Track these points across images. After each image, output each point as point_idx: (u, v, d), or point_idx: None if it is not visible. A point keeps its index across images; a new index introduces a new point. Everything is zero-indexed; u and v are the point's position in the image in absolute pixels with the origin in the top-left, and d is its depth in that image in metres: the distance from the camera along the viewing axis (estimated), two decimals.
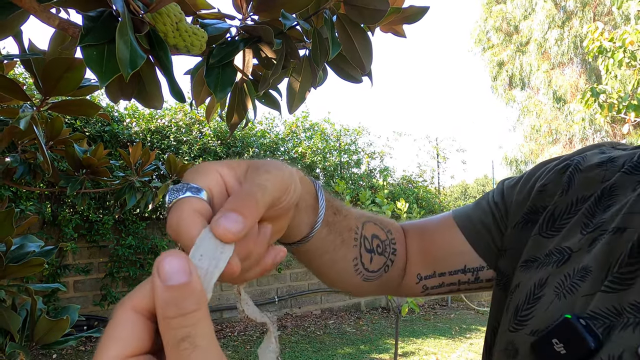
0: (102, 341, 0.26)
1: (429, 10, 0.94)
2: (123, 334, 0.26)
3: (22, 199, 4.19)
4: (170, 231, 0.31)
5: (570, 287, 0.46)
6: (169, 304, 0.26)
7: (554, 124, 13.89)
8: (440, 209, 7.70)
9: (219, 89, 0.68)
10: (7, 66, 1.12)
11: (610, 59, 4.95)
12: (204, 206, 0.32)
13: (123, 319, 0.27)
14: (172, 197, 0.32)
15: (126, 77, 0.50)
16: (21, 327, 1.07)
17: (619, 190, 0.51)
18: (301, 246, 0.52)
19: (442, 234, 0.66)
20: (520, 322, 0.49)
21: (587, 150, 0.59)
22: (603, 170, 0.54)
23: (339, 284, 0.61)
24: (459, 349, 4.95)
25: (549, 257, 0.51)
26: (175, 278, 0.26)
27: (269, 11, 0.78)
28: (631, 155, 0.53)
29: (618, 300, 0.42)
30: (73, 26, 0.55)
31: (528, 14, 14.12)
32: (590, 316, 0.42)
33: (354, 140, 7.34)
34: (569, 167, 0.57)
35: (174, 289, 0.26)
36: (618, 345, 0.39)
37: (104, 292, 4.75)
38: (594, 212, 0.51)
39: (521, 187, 0.61)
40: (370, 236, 0.61)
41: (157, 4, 0.55)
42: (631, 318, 0.40)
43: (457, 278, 0.64)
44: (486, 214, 0.63)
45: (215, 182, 0.35)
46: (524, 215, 0.58)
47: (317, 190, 0.51)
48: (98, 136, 4.65)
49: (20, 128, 0.88)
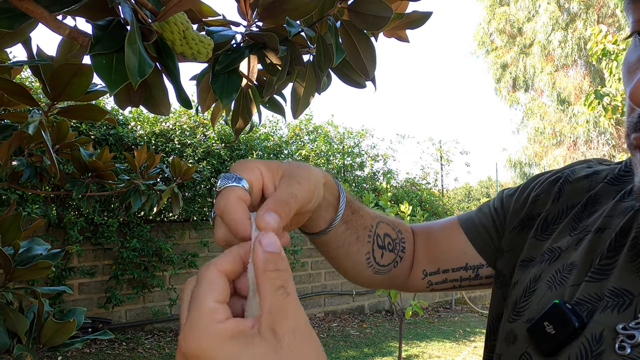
0: (199, 291, 0.34)
1: (432, 15, 0.94)
2: (217, 286, 0.34)
3: (28, 202, 4.22)
4: (218, 211, 0.39)
5: (561, 280, 0.54)
6: (269, 261, 0.34)
7: (558, 126, 13.84)
8: (443, 211, 7.68)
9: (225, 96, 0.69)
10: (14, 71, 1.14)
11: (614, 62, 4.94)
12: (245, 194, 0.40)
13: (214, 276, 0.34)
14: (222, 182, 0.41)
15: (135, 85, 0.51)
16: (28, 329, 1.08)
17: (602, 199, 0.59)
18: (319, 237, 0.60)
19: (447, 235, 0.74)
20: (518, 313, 0.56)
21: (576, 165, 0.67)
22: (589, 182, 0.62)
23: (352, 274, 0.69)
24: (463, 352, 4.93)
25: (542, 257, 0.59)
26: (272, 247, 0.35)
27: (274, 18, 0.79)
28: (613, 169, 0.62)
29: (599, 288, 0.50)
30: (82, 35, 0.56)
31: (532, 16, 14.10)
32: (577, 302, 0.50)
33: (358, 143, 7.34)
34: (560, 179, 0.65)
35: (271, 253, 0.35)
36: (599, 324, 0.47)
37: (108, 294, 4.77)
38: (581, 217, 0.59)
39: (518, 197, 0.69)
40: (382, 234, 0.68)
41: (165, 12, 0.56)
42: (610, 302, 0.48)
43: (459, 275, 0.71)
44: (487, 218, 0.71)
45: (256, 177, 0.43)
46: (521, 221, 0.66)
47: (340, 193, 0.58)
48: (103, 139, 4.68)
49: (29, 133, 0.89)
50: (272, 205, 0.39)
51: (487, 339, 0.66)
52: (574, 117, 13.07)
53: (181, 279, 5.27)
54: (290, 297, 0.34)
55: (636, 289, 0.47)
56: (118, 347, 4.58)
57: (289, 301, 0.33)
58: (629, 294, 0.47)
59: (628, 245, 0.50)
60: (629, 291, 0.47)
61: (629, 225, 0.52)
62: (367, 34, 0.84)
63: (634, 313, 0.46)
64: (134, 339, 4.79)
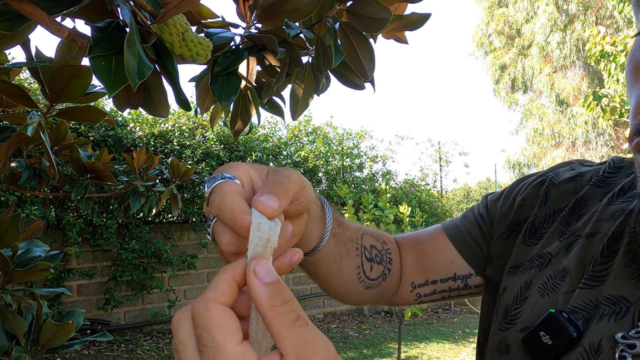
0: (217, 337, 0.29)
1: (430, 17, 0.95)
2: (232, 325, 0.30)
3: (27, 203, 4.21)
4: (214, 209, 0.35)
5: (553, 287, 0.53)
6: (274, 295, 0.30)
7: (556, 127, 13.86)
8: (442, 212, 7.68)
9: (223, 97, 0.69)
10: (13, 72, 1.14)
11: (612, 63, 4.95)
12: (239, 188, 0.37)
13: (225, 315, 0.30)
14: (210, 183, 0.37)
15: (134, 87, 0.51)
16: (27, 331, 1.07)
17: (589, 201, 0.58)
18: (313, 256, 0.56)
19: (433, 245, 0.72)
20: (509, 321, 0.55)
21: (559, 167, 0.66)
22: (574, 184, 0.61)
23: (342, 292, 0.66)
24: (462, 353, 4.93)
25: (532, 262, 0.58)
26: (269, 277, 0.31)
27: (273, 19, 0.79)
28: (597, 171, 0.62)
29: (594, 295, 0.48)
30: (81, 37, 0.56)
31: (530, 17, 14.13)
32: (572, 310, 0.49)
33: (357, 144, 7.34)
34: (544, 182, 0.64)
35: (272, 284, 0.30)
36: (597, 333, 0.46)
37: (107, 296, 4.76)
38: (569, 221, 0.58)
39: (503, 201, 0.68)
40: (369, 246, 0.66)
41: (164, 14, 0.56)
42: (606, 309, 0.46)
43: (448, 285, 0.70)
44: (473, 225, 0.70)
45: (245, 176, 0.40)
46: (508, 227, 0.65)
47: (323, 203, 0.55)
48: (102, 141, 4.68)
49: (28, 134, 0.89)
50: (267, 188, 0.36)
51: (480, 347, 0.64)
52: (572, 118, 13.09)
53: (180, 280, 5.27)
54: (310, 327, 0.30)
55: (633, 296, 0.46)
56: (117, 349, 4.58)
57: (310, 331, 0.30)
58: (626, 301, 0.46)
59: (622, 250, 0.49)
60: (626, 298, 0.46)
61: (621, 230, 0.51)
62: (365, 35, 0.84)
63: (632, 321, 0.45)
64: (132, 341, 4.78)
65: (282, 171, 0.40)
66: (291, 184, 0.38)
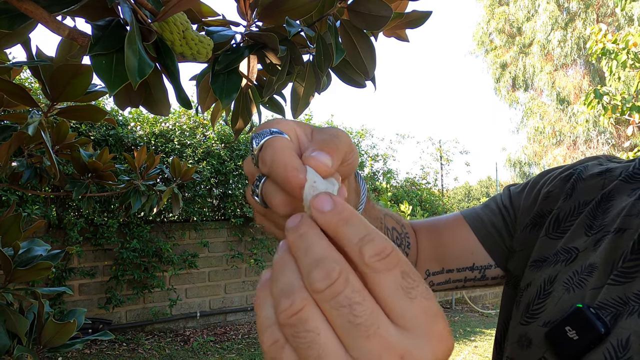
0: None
1: (431, 15, 0.94)
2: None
3: (28, 202, 4.22)
4: (265, 167, 0.32)
5: (579, 282, 0.52)
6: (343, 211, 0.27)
7: (557, 125, 13.85)
8: (443, 211, 7.68)
9: (224, 96, 0.69)
10: (14, 72, 1.14)
11: (613, 61, 4.94)
12: (291, 144, 0.33)
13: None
14: (259, 139, 0.34)
15: (134, 86, 0.51)
16: (29, 330, 1.08)
17: (617, 196, 0.57)
18: None
19: (452, 233, 0.70)
20: (532, 315, 0.54)
21: (588, 161, 0.65)
22: (602, 179, 0.60)
23: None
24: (463, 352, 4.93)
25: (557, 256, 0.56)
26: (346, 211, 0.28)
27: (274, 18, 0.78)
28: (627, 167, 0.61)
29: (623, 292, 0.47)
30: (82, 36, 0.56)
31: (531, 16, 14.11)
32: (599, 306, 0.48)
33: (357, 143, 7.34)
34: (572, 176, 0.63)
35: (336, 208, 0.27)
36: (625, 330, 0.45)
37: (108, 295, 4.77)
38: (595, 215, 0.57)
39: (527, 194, 0.67)
40: (391, 228, 0.65)
41: (165, 13, 0.56)
42: (636, 306, 0.45)
43: (464, 275, 0.68)
44: (496, 216, 0.68)
45: (292, 132, 0.36)
46: (532, 219, 0.63)
47: (357, 175, 0.52)
48: (103, 140, 4.68)
49: (29, 134, 0.89)
50: (318, 145, 0.33)
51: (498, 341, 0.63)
52: (573, 116, 13.08)
53: (181, 280, 5.27)
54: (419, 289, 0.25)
55: None
56: (118, 348, 4.58)
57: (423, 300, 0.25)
58: None
59: None
60: None
61: None
62: (366, 33, 0.84)
63: None
64: (134, 340, 4.79)
65: (329, 130, 0.36)
66: (341, 143, 0.35)
